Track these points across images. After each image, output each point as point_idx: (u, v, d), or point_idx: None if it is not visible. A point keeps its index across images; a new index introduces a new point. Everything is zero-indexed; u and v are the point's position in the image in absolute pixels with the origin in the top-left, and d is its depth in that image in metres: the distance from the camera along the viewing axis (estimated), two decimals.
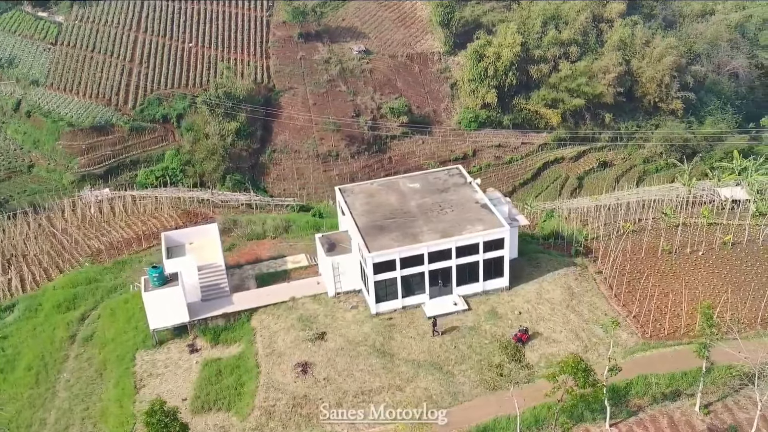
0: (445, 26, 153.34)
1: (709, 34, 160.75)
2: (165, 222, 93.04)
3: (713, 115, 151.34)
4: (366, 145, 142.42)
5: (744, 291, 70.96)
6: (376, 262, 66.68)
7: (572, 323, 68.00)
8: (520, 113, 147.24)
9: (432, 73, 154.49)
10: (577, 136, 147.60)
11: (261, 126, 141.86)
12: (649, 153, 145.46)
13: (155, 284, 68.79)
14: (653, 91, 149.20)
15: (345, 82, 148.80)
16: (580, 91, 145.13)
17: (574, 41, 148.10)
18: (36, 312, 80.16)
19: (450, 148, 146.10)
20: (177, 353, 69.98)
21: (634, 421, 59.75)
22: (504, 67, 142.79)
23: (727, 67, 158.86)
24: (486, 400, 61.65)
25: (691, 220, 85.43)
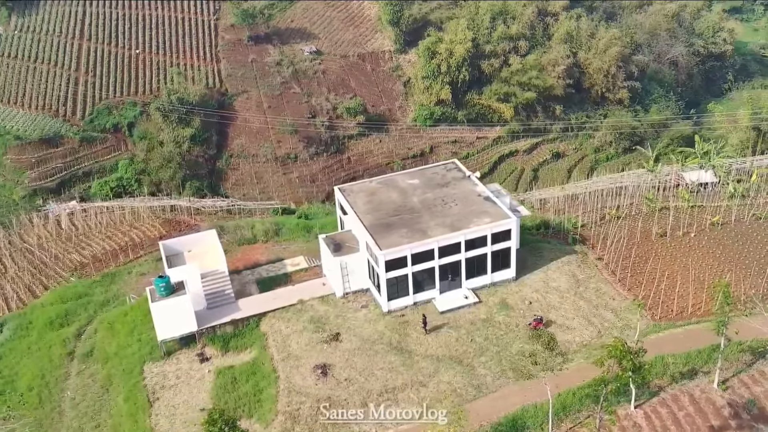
0: (395, 25, 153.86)
1: (648, 25, 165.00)
2: (147, 232, 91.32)
3: (658, 103, 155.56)
4: (324, 146, 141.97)
5: (741, 269, 73.17)
6: (388, 260, 66.73)
7: (583, 310, 69.19)
8: (474, 108, 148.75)
9: (384, 71, 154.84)
10: (529, 128, 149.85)
11: (216, 131, 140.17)
12: (599, 142, 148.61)
13: (162, 294, 67.58)
14: (600, 81, 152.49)
15: (298, 84, 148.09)
16: (531, 85, 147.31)
17: (523, 36, 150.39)
18: (27, 330, 77.93)
19: (407, 145, 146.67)
20: (187, 363, 68.86)
21: (657, 401, 60.98)
22: (456, 64, 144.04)
23: (667, 56, 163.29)
24: (510, 391, 62.26)
25: (672, 203, 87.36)
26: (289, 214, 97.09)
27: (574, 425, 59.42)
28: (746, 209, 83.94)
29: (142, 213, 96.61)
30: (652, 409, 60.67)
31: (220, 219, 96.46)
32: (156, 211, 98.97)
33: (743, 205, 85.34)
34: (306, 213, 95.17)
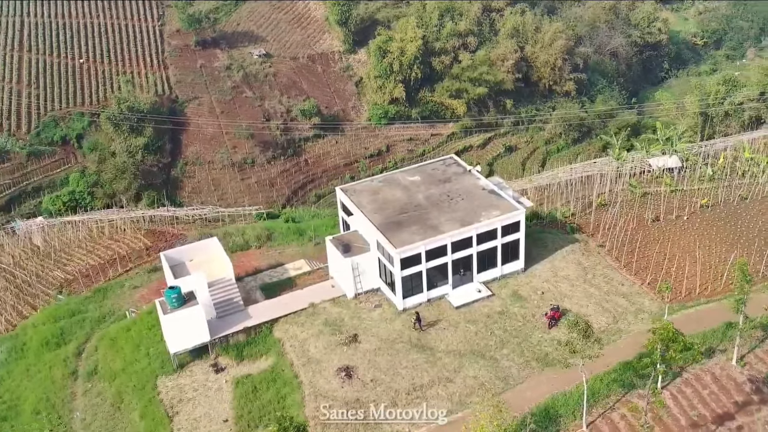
0: (343, 25, 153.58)
1: (588, 17, 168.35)
2: (131, 244, 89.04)
3: (603, 93, 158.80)
4: (281, 150, 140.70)
5: (739, 248, 75.35)
6: (403, 258, 66.49)
7: (594, 297, 70.28)
8: (427, 105, 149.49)
9: (335, 72, 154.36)
10: (482, 123, 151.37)
11: (169, 139, 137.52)
12: (549, 134, 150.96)
13: (174, 305, 66.08)
14: (548, 74, 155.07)
15: (250, 88, 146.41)
16: (482, 80, 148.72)
17: (471, 32, 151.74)
18: (22, 352, 75.22)
19: (364, 145, 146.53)
20: (202, 375, 67.49)
21: (681, 381, 62.33)
22: (408, 62, 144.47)
23: (607, 47, 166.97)
24: (537, 381, 62.89)
25: (654, 189, 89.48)
26: (272, 218, 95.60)
27: (605, 410, 59.98)
28: (731, 190, 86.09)
29: (121, 225, 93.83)
30: (677, 389, 61.90)
31: (203, 227, 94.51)
32: (130, 223, 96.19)
33: (720, 186, 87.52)
34: (293, 216, 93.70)
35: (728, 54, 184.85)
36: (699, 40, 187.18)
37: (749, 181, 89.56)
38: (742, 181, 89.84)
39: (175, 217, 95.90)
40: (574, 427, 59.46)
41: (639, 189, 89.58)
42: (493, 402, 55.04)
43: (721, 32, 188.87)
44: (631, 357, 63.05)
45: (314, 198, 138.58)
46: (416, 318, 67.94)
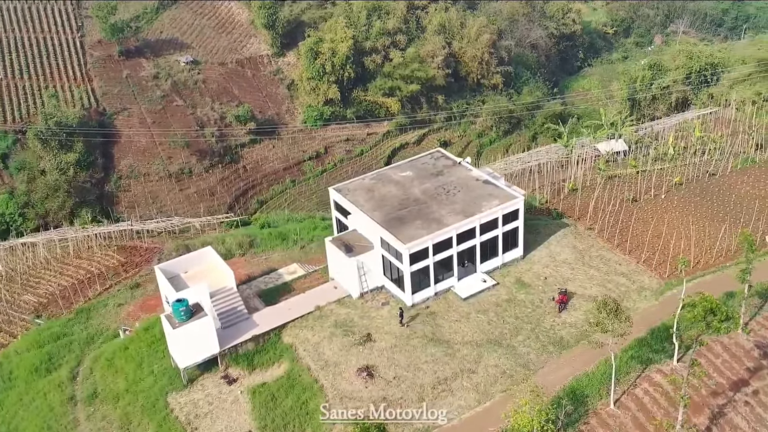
0: (271, 28, 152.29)
1: (506, 11, 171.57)
2: (103, 261, 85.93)
3: (528, 85, 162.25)
4: (218, 157, 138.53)
5: (720, 221, 78.22)
6: (412, 253, 66.38)
7: (596, 278, 71.81)
8: (362, 105, 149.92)
9: (265, 76, 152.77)
10: (416, 120, 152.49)
11: (101, 153, 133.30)
12: (481, 128, 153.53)
13: (182, 319, 64.16)
14: (476, 68, 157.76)
15: (180, 96, 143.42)
16: (413, 77, 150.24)
17: (400, 30, 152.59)
18: (11, 381, 71.65)
19: (301, 148, 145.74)
20: (214, 388, 65.81)
21: (693, 353, 63.87)
22: (340, 62, 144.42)
23: (527, 39, 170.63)
24: (557, 364, 63.85)
25: (620, 171, 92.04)
26: (244, 225, 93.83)
27: (628, 387, 61.30)
28: (698, 168, 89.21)
29: (84, 244, 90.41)
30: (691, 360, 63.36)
31: (173, 239, 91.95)
32: (96, 240, 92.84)
33: (683, 165, 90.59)
34: (268, 221, 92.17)
35: (637, 41, 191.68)
36: (609, 29, 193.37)
37: (708, 158, 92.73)
38: (703, 159, 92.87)
39: (137, 231, 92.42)
40: (602, 406, 60.37)
41: (606, 172, 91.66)
42: (530, 387, 55.35)
43: (629, 21, 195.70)
44: (644, 333, 64.32)
45: (256, 204, 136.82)
46: (400, 314, 67.61)
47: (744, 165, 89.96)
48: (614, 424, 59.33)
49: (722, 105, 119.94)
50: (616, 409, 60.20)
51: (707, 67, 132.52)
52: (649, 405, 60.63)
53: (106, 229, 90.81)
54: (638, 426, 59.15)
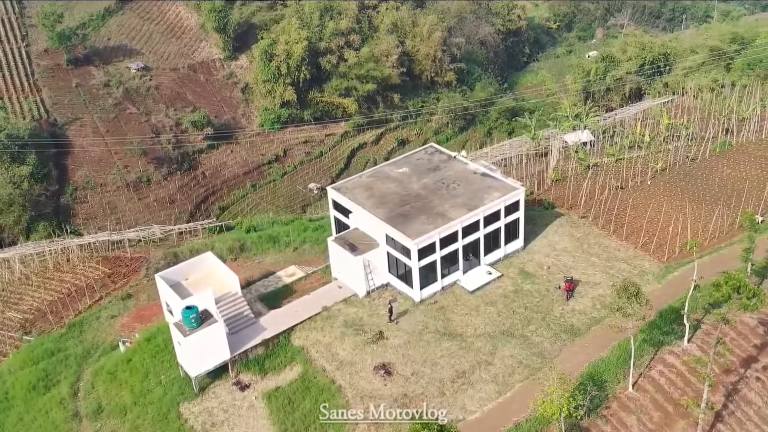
0: (222, 31, 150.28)
1: (454, 9, 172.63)
2: (88, 273, 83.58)
3: (480, 81, 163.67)
4: (176, 164, 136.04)
5: (708, 203, 79.92)
6: (421, 248, 66.30)
7: (597, 265, 72.72)
8: (318, 106, 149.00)
9: (219, 80, 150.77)
10: (373, 120, 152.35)
11: (54, 165, 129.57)
12: (437, 125, 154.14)
13: (193, 326, 62.85)
14: (429, 66, 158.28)
15: (133, 103, 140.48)
16: (369, 77, 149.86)
17: (353, 30, 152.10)
18: (8, 401, 69.13)
19: (260, 152, 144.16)
20: (227, 395, 64.62)
21: (701, 333, 65.51)
22: (296, 64, 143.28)
23: (476, 36, 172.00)
24: (571, 352, 64.47)
25: (599, 160, 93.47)
26: (228, 230, 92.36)
27: (643, 370, 62.14)
28: (677, 153, 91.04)
29: (63, 256, 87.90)
30: (701, 341, 65.01)
31: (158, 247, 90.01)
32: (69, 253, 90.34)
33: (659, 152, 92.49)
34: (253, 225, 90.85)
35: (580, 35, 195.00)
36: (553, 24, 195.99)
37: (687, 144, 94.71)
38: (681, 144, 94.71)
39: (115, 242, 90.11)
40: (620, 390, 61.11)
41: (587, 161, 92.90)
42: (558, 374, 55.71)
43: (571, 15, 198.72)
44: (652, 316, 65.20)
45: (218, 211, 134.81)
46: (389, 310, 67.47)
47: (722, 149, 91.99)
48: (635, 406, 60.08)
49: (679, 93, 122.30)
50: (634, 392, 60.97)
51: (660, 57, 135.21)
52: (666, 386, 61.50)
53: (84, 241, 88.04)
54: (658, 407, 59.98)
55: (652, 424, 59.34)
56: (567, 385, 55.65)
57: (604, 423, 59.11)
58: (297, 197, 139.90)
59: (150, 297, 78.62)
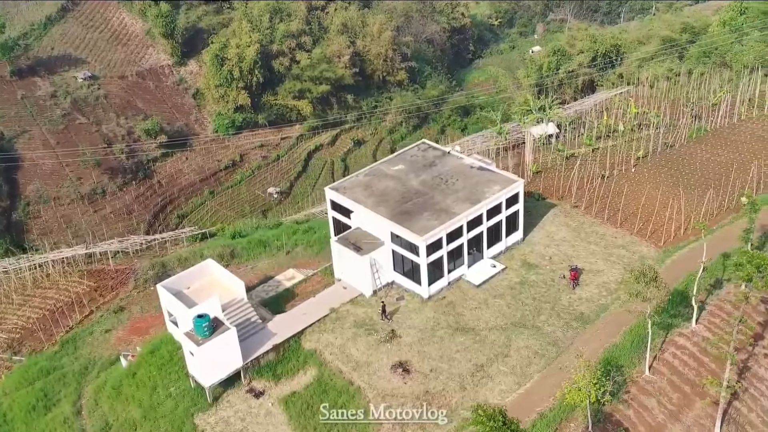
0: (170, 37, 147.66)
1: (401, 8, 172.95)
2: (72, 288, 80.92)
3: (431, 79, 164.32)
4: (131, 174, 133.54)
5: (693, 187, 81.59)
6: (429, 244, 66.14)
7: (598, 253, 73.54)
8: (273, 109, 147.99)
9: (169, 86, 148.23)
10: (328, 121, 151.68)
11: (4, 180, 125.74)
12: (391, 124, 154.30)
13: (206, 335, 61.46)
14: (381, 66, 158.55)
15: (82, 113, 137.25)
16: (323, 78, 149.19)
17: (304, 31, 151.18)
18: (8, 424, 66.44)
19: (216, 158, 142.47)
20: (242, 403, 63.36)
21: (707, 314, 66.67)
22: (248, 67, 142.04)
23: (423, 35, 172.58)
24: (584, 339, 65.07)
25: (574, 150, 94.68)
26: (210, 237, 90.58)
27: (656, 353, 63.02)
28: (656, 140, 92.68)
29: (41, 272, 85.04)
30: (708, 321, 66.24)
31: (141, 257, 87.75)
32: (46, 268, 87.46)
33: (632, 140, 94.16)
34: (238, 231, 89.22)
35: (521, 31, 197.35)
36: (494, 21, 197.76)
37: (664, 131, 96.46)
38: (659, 131, 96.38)
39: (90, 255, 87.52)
40: (637, 374, 61.82)
41: (566, 152, 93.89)
42: (585, 362, 56.08)
43: (511, 12, 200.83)
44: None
45: (177, 219, 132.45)
46: (382, 308, 67.23)
47: (698, 135, 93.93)
48: (653, 389, 60.82)
49: (634, 83, 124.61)
50: (651, 375, 61.72)
51: (612, 50, 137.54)
52: (681, 368, 62.44)
53: (60, 255, 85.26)
54: (676, 389, 60.82)
55: (672, 405, 60.02)
56: (593, 371, 55.86)
57: (626, 407, 59.58)
58: (257, 202, 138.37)
59: (143, 309, 76.72)
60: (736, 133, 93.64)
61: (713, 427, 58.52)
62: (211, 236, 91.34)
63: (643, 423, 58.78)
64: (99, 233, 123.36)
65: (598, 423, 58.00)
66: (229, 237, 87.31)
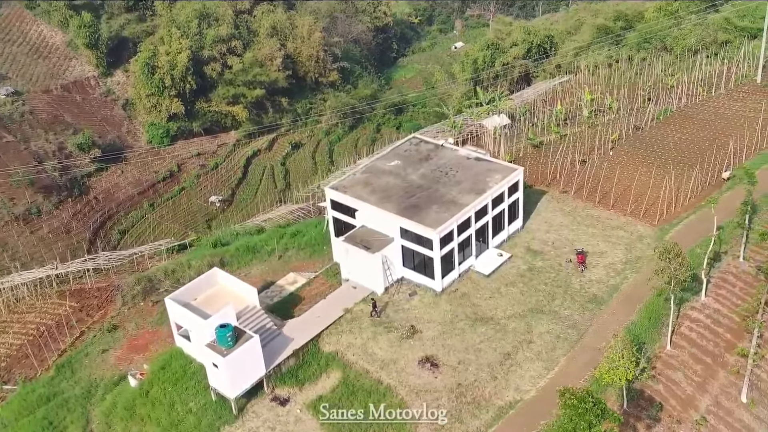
0: (94, 47, 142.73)
1: (325, 9, 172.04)
2: (52, 310, 77.10)
3: (362, 79, 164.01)
4: (66, 192, 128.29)
5: (678, 167, 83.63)
6: (442, 237, 65.83)
7: (598, 235, 74.58)
8: (206, 116, 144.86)
9: (96, 99, 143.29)
10: (263, 126, 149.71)
11: None
12: (326, 125, 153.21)
13: (230, 345, 59.54)
14: (313, 67, 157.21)
15: (8, 131, 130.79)
16: (256, 82, 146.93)
17: (233, 36, 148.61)
18: None
19: (152, 169, 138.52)
20: (268, 412, 61.59)
21: (712, 287, 68.43)
22: (180, 74, 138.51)
23: (350, 35, 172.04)
24: (602, 321, 65.81)
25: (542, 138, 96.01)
26: (189, 246, 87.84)
27: (673, 327, 64.29)
28: (624, 124, 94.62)
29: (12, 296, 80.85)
30: (715, 294, 67.98)
31: (118, 273, 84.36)
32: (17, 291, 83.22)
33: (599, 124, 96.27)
34: (219, 240, 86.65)
35: (441, 28, 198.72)
36: (414, 19, 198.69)
37: (627, 115, 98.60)
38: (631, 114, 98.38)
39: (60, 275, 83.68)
40: (659, 349, 62.88)
41: (536, 140, 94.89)
42: (622, 341, 56.73)
43: (430, 9, 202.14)
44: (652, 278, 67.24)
45: (118, 235, 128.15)
46: (373, 305, 66.78)
47: (665, 116, 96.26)
48: (678, 363, 61.94)
49: (573, 72, 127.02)
50: (673, 350, 62.72)
51: (546, 41, 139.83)
52: (699, 340, 63.89)
53: (30, 278, 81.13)
54: (698, 361, 62.23)
55: (697, 377, 61.22)
56: (630, 349, 56.48)
57: (655, 383, 60.44)
58: (200, 212, 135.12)
59: (138, 325, 73.64)
60: (700, 112, 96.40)
61: (739, 395, 59.72)
62: (187, 247, 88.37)
63: (674, 396, 59.67)
64: (37, 255, 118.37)
65: (631, 400, 58.43)
66: (210, 246, 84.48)
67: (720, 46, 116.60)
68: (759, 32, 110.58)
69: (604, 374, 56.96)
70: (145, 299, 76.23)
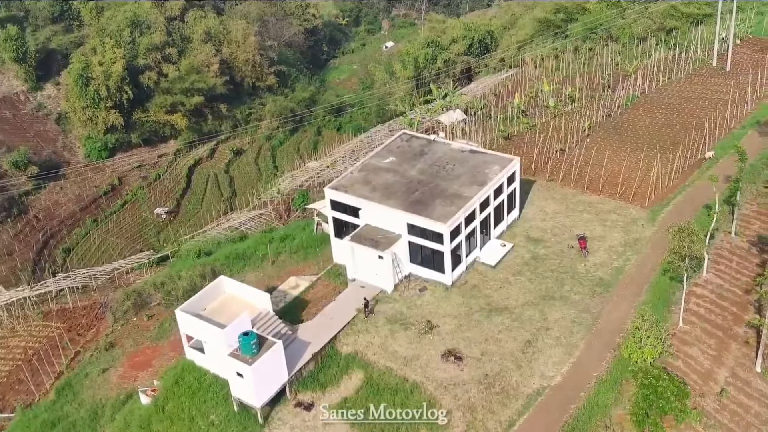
0: (22, 61, 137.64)
1: (255, 12, 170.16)
2: (39, 333, 73.83)
3: (299, 82, 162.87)
4: (5, 212, 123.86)
5: (656, 150, 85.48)
6: (452, 230, 65.76)
7: (593, 220, 75.60)
8: (145, 126, 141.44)
9: (28, 114, 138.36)
10: (203, 133, 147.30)
11: None
12: (267, 130, 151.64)
13: (254, 353, 58.15)
14: (250, 72, 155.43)
15: None
16: (194, 89, 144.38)
17: (167, 43, 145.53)
18: None
19: (93, 184, 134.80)
20: (294, 418, 60.18)
21: (711, 263, 70.19)
22: (116, 84, 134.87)
23: (282, 38, 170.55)
24: (613, 304, 66.52)
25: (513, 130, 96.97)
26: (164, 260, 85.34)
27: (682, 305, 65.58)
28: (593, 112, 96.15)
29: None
30: (715, 270, 69.70)
31: (105, 290, 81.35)
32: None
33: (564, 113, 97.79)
34: (203, 249, 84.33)
35: (368, 28, 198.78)
36: (342, 20, 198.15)
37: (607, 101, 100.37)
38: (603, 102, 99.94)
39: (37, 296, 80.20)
40: (672, 327, 64.14)
41: (506, 131, 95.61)
42: (650, 320, 57.67)
43: (356, 10, 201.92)
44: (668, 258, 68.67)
45: (63, 254, 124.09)
46: (365, 305, 66.49)
47: (632, 102, 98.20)
48: (692, 339, 63.18)
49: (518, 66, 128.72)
50: (685, 326, 63.93)
51: (487, 36, 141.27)
52: (708, 315, 65.43)
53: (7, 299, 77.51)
54: (710, 335, 63.71)
55: (712, 351, 62.51)
56: (659, 328, 57.43)
57: (674, 359, 61.35)
58: (146, 225, 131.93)
59: (135, 342, 71.04)
60: (664, 96, 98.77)
61: (753, 366, 61.21)
62: (170, 257, 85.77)
63: (694, 371, 60.74)
64: None
65: None
66: (194, 256, 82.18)
67: (667, 33, 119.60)
68: (705, 18, 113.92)
69: (633, 353, 57.54)
70: (137, 314, 73.58)
